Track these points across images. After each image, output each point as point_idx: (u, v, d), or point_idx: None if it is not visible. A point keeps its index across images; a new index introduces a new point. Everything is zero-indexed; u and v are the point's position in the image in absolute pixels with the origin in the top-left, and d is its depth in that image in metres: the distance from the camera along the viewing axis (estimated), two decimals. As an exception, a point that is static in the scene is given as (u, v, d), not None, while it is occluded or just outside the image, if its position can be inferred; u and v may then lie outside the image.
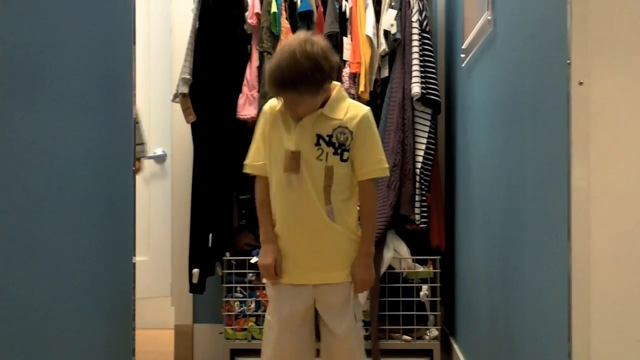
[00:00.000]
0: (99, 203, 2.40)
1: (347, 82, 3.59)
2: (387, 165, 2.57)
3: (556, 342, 1.70)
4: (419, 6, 3.67)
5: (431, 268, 3.57)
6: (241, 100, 3.65)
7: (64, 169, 2.11)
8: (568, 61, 1.55)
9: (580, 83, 1.54)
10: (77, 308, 2.21)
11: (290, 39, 2.51)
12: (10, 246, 1.77)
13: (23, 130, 1.85)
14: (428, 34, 3.69)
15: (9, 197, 1.76)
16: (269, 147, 2.58)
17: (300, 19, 3.68)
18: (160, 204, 4.63)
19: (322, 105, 2.52)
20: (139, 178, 2.91)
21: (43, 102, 1.97)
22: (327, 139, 2.51)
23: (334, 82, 2.55)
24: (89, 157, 2.32)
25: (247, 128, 3.49)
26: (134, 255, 2.77)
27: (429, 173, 3.60)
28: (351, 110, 2.55)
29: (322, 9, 3.70)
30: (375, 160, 2.54)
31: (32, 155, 1.91)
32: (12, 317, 1.78)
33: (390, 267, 3.55)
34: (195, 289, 3.77)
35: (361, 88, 3.57)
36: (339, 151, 2.52)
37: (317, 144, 2.51)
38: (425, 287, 3.57)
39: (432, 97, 3.60)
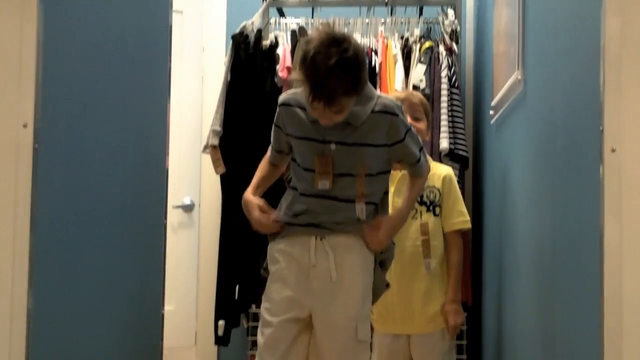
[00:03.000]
0: (131, 255, 2.43)
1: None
2: (468, 219, 2.95)
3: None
4: (448, 62, 3.70)
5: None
6: (270, 152, 3.68)
7: (99, 221, 2.14)
8: (601, 128, 1.57)
9: (613, 150, 1.55)
10: (107, 357, 2.22)
11: None
12: (49, 296, 1.79)
13: (60, 184, 1.89)
14: (457, 89, 3.72)
15: (48, 249, 1.79)
16: None
17: (331, 74, 3.72)
18: (187, 253, 4.65)
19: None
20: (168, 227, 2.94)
21: (79, 153, 2.01)
22: (419, 198, 2.83)
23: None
24: (124, 207, 2.35)
25: (276, 180, 3.51)
26: (163, 307, 2.79)
27: (456, 228, 3.60)
28: (436, 171, 2.92)
29: (352, 64, 3.74)
30: (457, 213, 2.92)
31: (68, 209, 1.95)
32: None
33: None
34: (221, 340, 3.77)
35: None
36: (431, 207, 2.90)
37: None
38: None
39: (461, 152, 3.61)
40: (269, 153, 2.50)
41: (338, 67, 2.09)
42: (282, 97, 2.37)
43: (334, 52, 2.10)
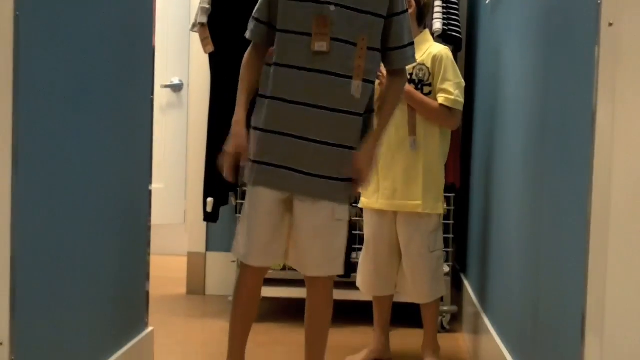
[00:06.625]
0: (117, 130, 2.41)
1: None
2: (451, 97, 2.87)
3: (572, 281, 1.71)
4: (444, -60, 3.60)
5: (445, 205, 3.58)
6: (260, 30, 3.62)
7: (83, 94, 2.11)
8: (598, 1, 1.52)
9: (610, 24, 1.51)
10: (95, 232, 2.23)
11: None
12: (33, 172, 1.78)
13: (45, 64, 1.85)
14: (452, -32, 3.63)
15: (31, 133, 1.76)
16: None
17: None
18: (176, 132, 4.64)
19: None
20: (155, 106, 2.87)
21: (64, 30, 1.96)
22: (407, 77, 2.73)
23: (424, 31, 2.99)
24: (108, 85, 2.31)
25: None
26: (150, 183, 2.78)
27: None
28: (429, 49, 2.92)
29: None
30: (441, 91, 2.88)
31: (55, 84, 1.91)
32: (33, 240, 1.80)
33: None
34: (209, 217, 3.81)
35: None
36: (419, 86, 2.90)
37: None
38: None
39: (454, 33, 3.56)
40: (250, 48, 2.39)
41: None
42: None
43: None
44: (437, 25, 3.49)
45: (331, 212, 2.31)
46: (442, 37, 3.52)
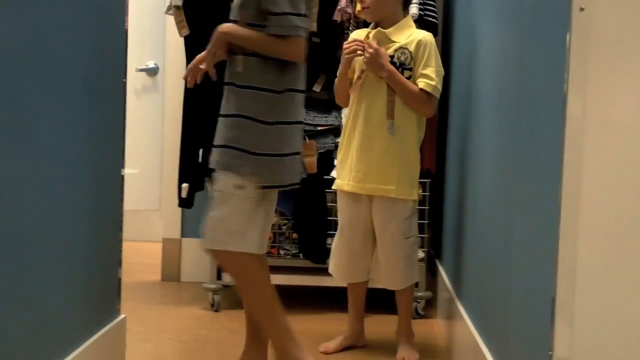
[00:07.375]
0: (89, 114, 2.37)
1: (344, 2, 3.52)
2: (431, 83, 2.86)
3: (542, 268, 1.70)
4: None
5: (420, 191, 3.57)
6: (235, 14, 3.59)
7: (51, 77, 2.08)
8: (570, -15, 1.51)
9: (582, 9, 1.50)
10: (65, 217, 2.20)
11: None
12: (0, 156, 1.75)
13: (10, 45, 1.81)
14: (428, -47, 3.60)
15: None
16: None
17: None
18: (152, 117, 4.60)
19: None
20: (129, 90, 2.84)
21: (31, 10, 1.93)
22: (389, 59, 2.85)
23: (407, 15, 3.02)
24: (79, 67, 2.28)
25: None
26: (123, 168, 2.75)
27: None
28: (413, 35, 2.93)
29: None
30: (421, 76, 2.87)
31: (24, 62, 1.88)
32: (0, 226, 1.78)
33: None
34: (184, 203, 3.78)
35: (358, 7, 3.50)
36: (399, 70, 2.87)
37: None
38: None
39: (430, 19, 3.55)
40: None
41: None
42: None
43: None
44: (413, 10, 3.48)
45: (215, 184, 2.52)
46: (418, 22, 3.50)
